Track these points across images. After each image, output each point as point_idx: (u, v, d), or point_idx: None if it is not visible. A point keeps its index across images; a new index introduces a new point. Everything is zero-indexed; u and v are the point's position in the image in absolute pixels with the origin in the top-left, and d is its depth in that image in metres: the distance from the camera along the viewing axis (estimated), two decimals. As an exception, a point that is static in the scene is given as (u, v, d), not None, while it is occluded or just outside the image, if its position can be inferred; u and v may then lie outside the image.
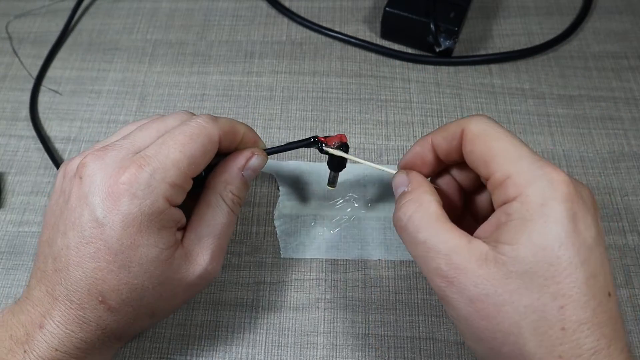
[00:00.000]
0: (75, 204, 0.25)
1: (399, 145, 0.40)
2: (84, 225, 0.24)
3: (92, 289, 0.24)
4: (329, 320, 0.33)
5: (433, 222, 0.24)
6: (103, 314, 0.25)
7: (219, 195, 0.28)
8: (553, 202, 0.21)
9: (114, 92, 0.43)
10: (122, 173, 0.24)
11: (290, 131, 0.41)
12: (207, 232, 0.27)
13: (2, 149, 0.41)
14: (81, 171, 0.25)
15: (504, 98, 0.42)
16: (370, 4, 0.48)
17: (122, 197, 0.24)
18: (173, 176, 0.25)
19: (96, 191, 0.24)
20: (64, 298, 0.25)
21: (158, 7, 0.49)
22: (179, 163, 0.25)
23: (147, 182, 0.24)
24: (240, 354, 0.32)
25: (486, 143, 0.24)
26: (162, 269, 0.25)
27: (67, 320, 0.25)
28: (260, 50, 0.45)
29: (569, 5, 0.47)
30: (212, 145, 0.27)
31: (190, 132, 0.26)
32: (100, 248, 0.24)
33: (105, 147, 0.26)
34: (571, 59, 0.44)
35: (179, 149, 0.25)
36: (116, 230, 0.24)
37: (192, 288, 0.28)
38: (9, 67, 0.45)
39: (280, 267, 0.35)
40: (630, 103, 0.42)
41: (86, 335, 0.25)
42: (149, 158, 0.25)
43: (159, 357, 0.32)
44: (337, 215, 0.36)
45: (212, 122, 0.27)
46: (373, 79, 0.43)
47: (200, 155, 0.26)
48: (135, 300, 0.25)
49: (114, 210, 0.24)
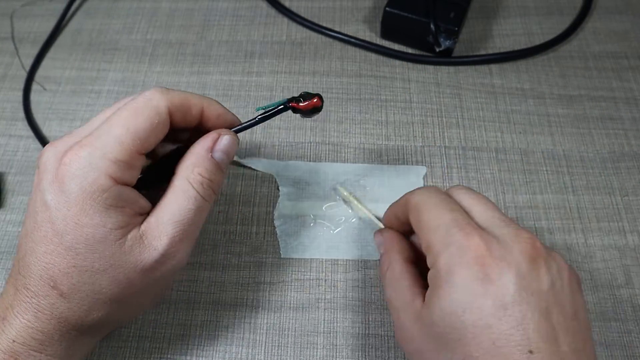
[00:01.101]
0: (33, 193, 0.26)
1: (399, 145, 0.40)
2: (36, 210, 0.25)
3: (44, 274, 0.24)
4: (329, 320, 0.33)
5: (395, 280, 0.27)
6: (56, 300, 0.25)
7: (185, 179, 0.26)
8: (458, 269, 0.23)
9: (113, 92, 0.43)
10: (66, 154, 0.24)
11: (290, 131, 0.41)
12: (168, 217, 0.26)
13: (2, 149, 0.41)
14: (38, 161, 0.26)
15: (504, 98, 0.42)
16: (370, 4, 0.48)
17: (64, 178, 0.24)
18: (115, 152, 0.24)
19: (45, 176, 0.25)
20: (22, 287, 0.25)
21: (158, 7, 0.49)
22: (121, 138, 0.24)
23: (86, 160, 0.24)
24: (240, 354, 0.32)
25: (418, 213, 0.27)
26: (112, 251, 0.24)
27: (23, 309, 0.25)
28: (260, 50, 0.45)
29: (569, 5, 0.47)
30: (160, 117, 0.26)
31: (134, 106, 0.25)
32: (48, 231, 0.24)
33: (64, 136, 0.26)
34: (571, 59, 0.44)
35: (121, 124, 0.25)
36: (61, 211, 0.24)
37: (149, 274, 0.26)
38: (8, 67, 0.45)
39: (280, 267, 0.35)
40: (630, 103, 0.42)
41: (41, 324, 0.25)
42: (91, 137, 0.25)
43: (159, 357, 0.32)
44: (337, 215, 0.36)
45: (159, 94, 0.26)
46: (373, 79, 0.43)
47: (146, 130, 0.25)
48: (86, 284, 0.25)
49: (58, 191, 0.24)
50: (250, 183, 0.38)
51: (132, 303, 0.27)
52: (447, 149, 0.39)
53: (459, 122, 0.41)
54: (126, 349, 0.32)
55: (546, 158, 0.39)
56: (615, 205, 0.37)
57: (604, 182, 0.38)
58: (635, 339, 0.32)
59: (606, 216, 0.36)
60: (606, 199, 0.37)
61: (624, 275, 0.34)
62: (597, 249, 0.35)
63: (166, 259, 0.26)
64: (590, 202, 0.37)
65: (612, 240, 0.36)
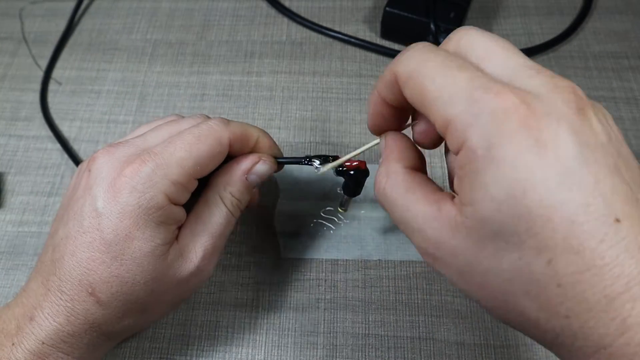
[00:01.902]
0: (80, 195, 0.26)
1: (399, 145, 0.40)
2: (84, 215, 0.25)
3: (83, 280, 0.24)
4: (329, 320, 0.33)
5: (401, 195, 0.22)
6: (91, 307, 0.25)
7: (217, 195, 0.28)
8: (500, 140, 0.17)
9: (113, 92, 0.43)
10: (126, 167, 0.25)
11: (290, 131, 0.41)
12: (201, 230, 0.27)
13: (2, 149, 0.41)
14: (90, 165, 0.26)
15: (504, 98, 0.42)
16: (370, 4, 0.48)
17: (123, 190, 0.24)
18: (175, 174, 0.25)
19: (100, 183, 0.25)
20: (56, 289, 0.25)
21: (158, 7, 0.49)
22: (183, 162, 0.25)
23: (148, 177, 0.24)
24: (240, 354, 0.32)
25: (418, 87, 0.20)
26: (155, 264, 0.25)
27: (56, 312, 0.25)
28: (260, 50, 0.45)
29: (569, 5, 0.47)
30: (221, 148, 0.27)
31: (198, 133, 0.26)
32: (95, 238, 0.24)
33: (118, 143, 0.27)
34: (571, 59, 0.44)
35: (185, 148, 0.26)
36: (112, 221, 0.24)
37: (183, 286, 0.27)
38: (8, 67, 0.45)
39: (280, 267, 0.35)
40: (630, 103, 0.42)
41: (73, 328, 0.25)
42: (154, 154, 0.25)
43: (159, 357, 0.32)
44: (337, 216, 0.36)
45: (222, 124, 0.27)
46: (373, 79, 0.43)
47: (206, 157, 0.26)
48: (125, 295, 0.25)
49: (113, 201, 0.24)
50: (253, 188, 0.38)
51: (159, 312, 0.28)
52: (447, 149, 0.39)
53: (459, 122, 0.41)
54: (126, 349, 0.32)
55: (546, 158, 0.39)
56: (616, 205, 0.37)
57: (604, 182, 0.38)
58: (636, 339, 0.32)
59: (606, 216, 0.36)
60: (606, 199, 0.37)
61: (624, 275, 0.34)
62: (597, 249, 0.35)
63: (200, 271, 0.27)
64: (591, 202, 0.37)
65: (612, 240, 0.35)
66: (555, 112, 0.17)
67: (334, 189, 0.37)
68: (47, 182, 0.39)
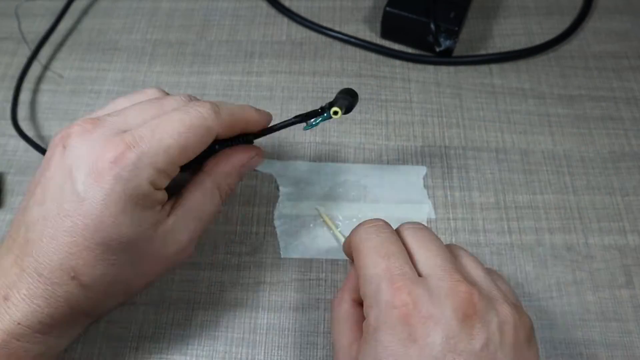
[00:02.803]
0: (56, 174, 0.24)
1: (399, 145, 0.40)
2: (64, 198, 0.24)
3: (65, 264, 0.24)
4: (329, 320, 0.33)
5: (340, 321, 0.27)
6: (74, 289, 0.24)
7: (216, 185, 0.28)
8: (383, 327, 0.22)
9: (113, 92, 0.43)
10: (110, 150, 0.24)
11: (291, 131, 0.40)
12: (195, 216, 0.27)
13: (2, 149, 0.41)
14: (65, 141, 0.25)
15: (504, 98, 0.42)
16: (370, 4, 0.48)
17: (107, 175, 0.23)
18: (161, 162, 0.24)
19: (80, 165, 0.24)
20: (32, 270, 0.24)
21: (158, 7, 0.49)
22: (170, 150, 0.25)
23: (134, 164, 0.24)
24: (240, 354, 0.32)
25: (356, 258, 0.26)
26: (142, 246, 0.25)
27: (33, 293, 0.24)
28: (260, 50, 0.45)
29: (569, 5, 0.47)
30: (209, 137, 0.26)
31: (189, 122, 0.25)
32: (77, 223, 0.23)
33: (94, 120, 0.25)
34: (571, 58, 0.44)
35: (173, 136, 0.25)
36: (96, 207, 0.23)
37: (166, 265, 0.27)
38: (8, 67, 0.45)
39: (280, 267, 0.35)
40: (630, 103, 0.42)
41: (52, 310, 0.24)
42: (140, 139, 0.24)
43: (159, 357, 0.32)
44: (337, 216, 0.36)
45: (214, 114, 0.26)
46: (373, 79, 0.43)
47: (195, 147, 0.26)
48: (110, 276, 0.25)
49: (97, 187, 0.23)
50: (250, 183, 0.38)
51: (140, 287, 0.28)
52: (447, 149, 0.39)
53: (459, 122, 0.41)
54: (126, 348, 0.32)
55: (546, 158, 0.39)
56: (616, 205, 0.37)
57: (605, 182, 0.38)
58: (636, 339, 0.32)
59: (606, 216, 0.36)
60: (606, 199, 0.37)
61: (624, 276, 0.34)
62: (597, 249, 0.35)
63: (183, 252, 0.27)
64: (591, 202, 0.37)
65: (613, 240, 0.35)
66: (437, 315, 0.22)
67: (334, 189, 0.37)
68: (47, 182, 0.39)
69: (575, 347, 0.32)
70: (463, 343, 0.21)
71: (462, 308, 0.22)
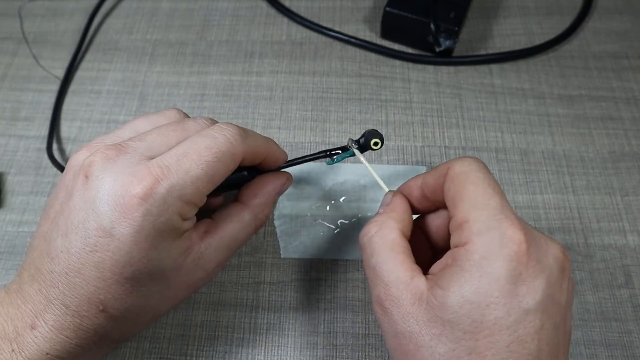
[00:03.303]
0: (78, 205, 0.23)
1: (399, 145, 0.40)
2: (88, 232, 0.23)
3: (93, 298, 0.23)
4: (329, 320, 0.33)
5: (387, 249, 0.24)
6: (103, 321, 0.24)
7: (254, 215, 0.28)
8: (495, 258, 0.21)
9: (113, 92, 0.43)
10: (136, 184, 0.22)
11: (290, 131, 0.40)
12: (227, 244, 0.27)
13: (2, 149, 0.41)
14: (87, 170, 0.23)
15: (504, 98, 0.42)
16: (370, 4, 0.48)
17: (135, 211, 0.22)
18: (190, 194, 0.23)
19: (105, 198, 0.23)
20: (59, 302, 0.23)
21: (158, 7, 0.49)
22: (199, 181, 0.24)
23: (163, 199, 0.23)
24: (240, 354, 0.32)
25: (461, 183, 0.24)
26: (171, 275, 0.25)
27: (62, 325, 0.23)
28: (260, 50, 0.45)
29: (569, 5, 0.47)
30: (235, 164, 0.26)
31: (216, 149, 0.24)
32: (105, 258, 0.23)
33: (117, 147, 0.24)
34: (571, 59, 0.44)
35: (201, 167, 0.24)
36: (126, 243, 0.22)
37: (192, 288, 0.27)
38: (8, 67, 0.45)
39: (280, 267, 0.35)
40: (630, 103, 0.42)
41: (81, 341, 0.24)
42: (167, 170, 0.23)
43: (159, 357, 0.32)
44: (337, 216, 0.36)
45: (240, 140, 0.25)
46: (373, 79, 0.43)
47: (222, 176, 0.25)
48: (139, 307, 0.24)
49: (124, 223, 0.22)
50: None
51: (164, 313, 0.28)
52: (447, 149, 0.39)
53: (459, 122, 0.41)
54: (126, 348, 0.32)
55: (546, 158, 0.39)
56: (616, 205, 0.37)
57: (604, 182, 0.38)
58: (636, 339, 0.32)
59: (606, 216, 0.36)
60: (606, 199, 0.37)
61: (624, 275, 0.34)
62: (597, 249, 0.35)
63: (209, 278, 0.27)
64: (591, 202, 0.37)
65: (612, 240, 0.35)
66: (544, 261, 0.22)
67: (334, 189, 0.37)
68: (47, 182, 0.39)
69: (575, 347, 0.32)
70: (557, 294, 0.22)
71: (561, 260, 0.22)
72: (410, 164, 0.39)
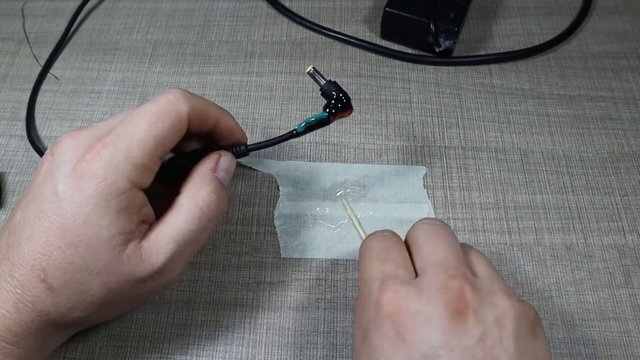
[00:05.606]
0: (41, 179, 0.25)
1: (399, 145, 0.40)
2: (44, 199, 0.24)
3: (36, 265, 0.24)
4: (329, 320, 0.33)
5: None
6: (41, 293, 0.24)
7: (192, 199, 0.26)
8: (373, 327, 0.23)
9: (114, 92, 0.43)
10: (88, 151, 0.24)
11: (290, 131, 0.41)
12: (170, 236, 0.26)
13: (2, 149, 0.41)
14: (54, 148, 0.25)
15: (504, 98, 0.42)
16: (370, 4, 0.48)
17: (84, 175, 0.24)
18: (137, 156, 0.24)
19: (62, 167, 0.24)
20: (7, 274, 0.24)
21: (158, 8, 0.49)
22: (144, 142, 0.24)
23: (108, 161, 0.24)
24: (240, 354, 0.32)
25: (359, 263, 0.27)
26: (111, 256, 0.24)
27: (4, 298, 0.24)
28: (260, 50, 0.45)
29: (568, 6, 0.48)
30: (181, 123, 0.26)
31: (158, 109, 0.25)
32: (53, 223, 0.24)
33: (84, 128, 0.26)
34: (571, 59, 0.44)
35: (145, 127, 0.25)
36: (72, 205, 0.24)
37: (140, 287, 0.26)
38: (9, 67, 0.45)
39: (280, 267, 0.35)
40: (629, 103, 0.42)
41: (20, 316, 0.24)
42: (115, 136, 0.24)
43: (159, 357, 0.32)
44: (337, 216, 0.36)
45: (182, 98, 0.26)
46: (373, 79, 0.43)
47: (168, 134, 0.25)
48: (77, 283, 0.24)
49: (74, 186, 0.24)
50: (250, 183, 0.38)
51: (114, 308, 0.28)
52: (447, 149, 0.39)
53: (458, 122, 0.41)
54: (126, 348, 0.32)
55: (546, 158, 0.39)
56: (615, 205, 0.37)
57: (604, 182, 0.38)
58: (635, 338, 0.32)
59: (606, 216, 0.37)
60: (606, 199, 0.37)
61: (623, 275, 0.34)
62: (596, 249, 0.35)
63: (160, 275, 0.26)
64: (590, 202, 0.37)
65: (612, 240, 0.36)
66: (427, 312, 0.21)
67: (334, 189, 0.38)
68: (48, 182, 0.39)
69: (574, 347, 0.32)
70: (456, 339, 0.21)
71: (453, 302, 0.21)
72: (410, 164, 0.39)
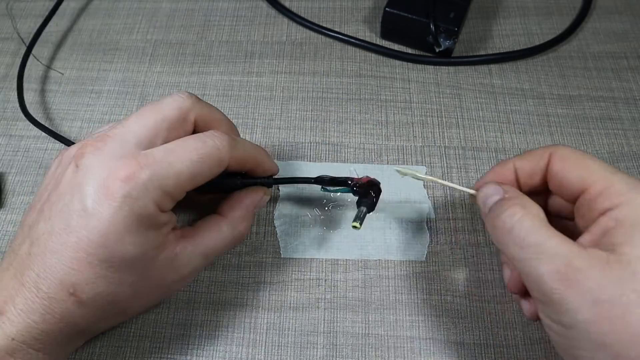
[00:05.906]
0: (65, 190, 0.25)
1: (399, 145, 0.40)
2: (71, 213, 0.24)
3: (65, 280, 0.24)
4: (329, 320, 0.33)
5: (544, 226, 0.24)
6: (71, 306, 0.24)
7: (232, 227, 0.29)
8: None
9: (114, 92, 0.43)
10: (121, 168, 0.24)
11: (290, 131, 0.41)
12: (202, 251, 0.28)
13: (2, 149, 0.41)
14: (78, 160, 0.25)
15: (504, 98, 0.42)
16: (370, 4, 0.48)
17: (116, 193, 0.24)
18: (170, 186, 0.25)
19: (91, 181, 0.24)
20: (31, 285, 0.24)
21: (158, 8, 0.49)
22: (181, 176, 0.25)
23: (144, 185, 0.24)
24: (240, 354, 0.32)
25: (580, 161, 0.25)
26: (143, 268, 0.25)
27: (30, 308, 0.24)
28: (260, 50, 0.45)
29: (568, 5, 0.48)
30: (219, 169, 0.27)
31: (204, 152, 0.26)
32: (82, 238, 0.24)
33: (104, 136, 0.26)
34: (571, 59, 0.44)
35: (186, 164, 0.25)
36: (103, 223, 0.23)
37: (163, 291, 0.28)
38: (9, 67, 0.45)
39: (280, 267, 0.35)
40: (629, 103, 0.42)
41: (48, 327, 0.24)
42: (152, 160, 0.25)
43: (159, 356, 0.32)
44: (337, 215, 0.36)
45: (228, 148, 0.27)
46: (373, 79, 0.43)
47: (204, 176, 0.26)
48: (108, 296, 0.25)
49: (105, 203, 0.23)
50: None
51: (136, 311, 0.28)
52: (447, 149, 0.39)
53: (458, 122, 0.41)
54: (126, 348, 0.32)
55: (546, 158, 0.39)
56: (615, 205, 0.37)
57: (604, 182, 0.38)
58: (635, 338, 0.32)
59: (606, 216, 0.36)
60: (606, 199, 0.37)
61: (623, 275, 0.34)
62: (596, 249, 0.35)
63: (183, 283, 0.28)
64: (590, 202, 0.37)
65: (612, 240, 0.36)
66: None
67: (333, 189, 0.37)
68: (48, 182, 0.39)
69: (574, 347, 0.32)
70: None
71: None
72: (410, 164, 0.39)
